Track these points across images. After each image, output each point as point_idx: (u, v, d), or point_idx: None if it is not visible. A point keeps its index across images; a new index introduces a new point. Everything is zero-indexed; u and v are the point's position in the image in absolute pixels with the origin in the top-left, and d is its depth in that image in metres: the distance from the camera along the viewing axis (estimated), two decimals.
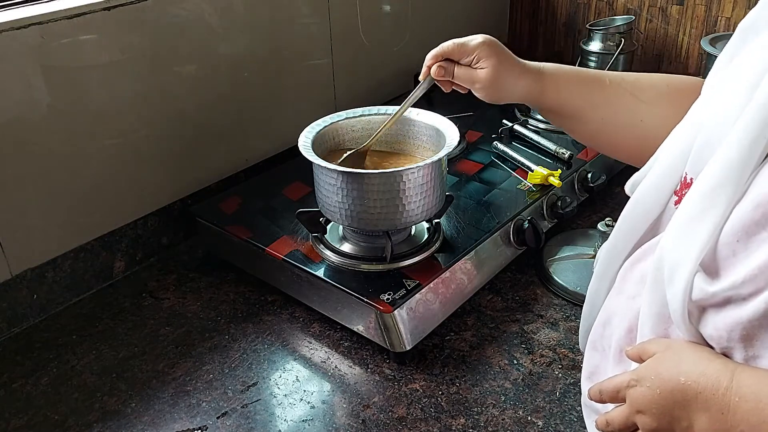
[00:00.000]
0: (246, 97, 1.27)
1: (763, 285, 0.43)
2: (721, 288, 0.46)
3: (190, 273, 1.14)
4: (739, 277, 0.45)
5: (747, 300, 0.45)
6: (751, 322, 0.45)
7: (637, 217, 0.60)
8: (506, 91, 0.78)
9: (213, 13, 1.16)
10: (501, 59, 0.76)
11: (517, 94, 0.78)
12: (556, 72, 0.77)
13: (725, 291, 0.46)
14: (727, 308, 0.46)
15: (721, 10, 1.56)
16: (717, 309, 0.47)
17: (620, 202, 0.62)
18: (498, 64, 0.76)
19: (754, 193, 0.46)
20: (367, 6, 1.44)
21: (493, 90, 0.78)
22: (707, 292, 0.47)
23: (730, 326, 0.46)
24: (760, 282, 0.44)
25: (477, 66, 0.77)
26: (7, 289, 0.99)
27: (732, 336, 0.46)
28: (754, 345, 0.45)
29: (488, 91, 0.78)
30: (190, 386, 0.91)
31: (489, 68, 0.76)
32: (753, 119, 0.46)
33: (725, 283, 0.46)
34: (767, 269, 0.43)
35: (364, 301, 0.91)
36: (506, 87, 0.77)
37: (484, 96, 0.79)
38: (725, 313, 0.47)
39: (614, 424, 0.55)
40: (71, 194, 1.04)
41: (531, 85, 0.77)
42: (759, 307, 0.44)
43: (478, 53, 0.76)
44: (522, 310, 1.02)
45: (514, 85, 0.77)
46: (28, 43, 0.93)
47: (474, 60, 0.77)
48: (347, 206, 0.92)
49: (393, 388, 0.89)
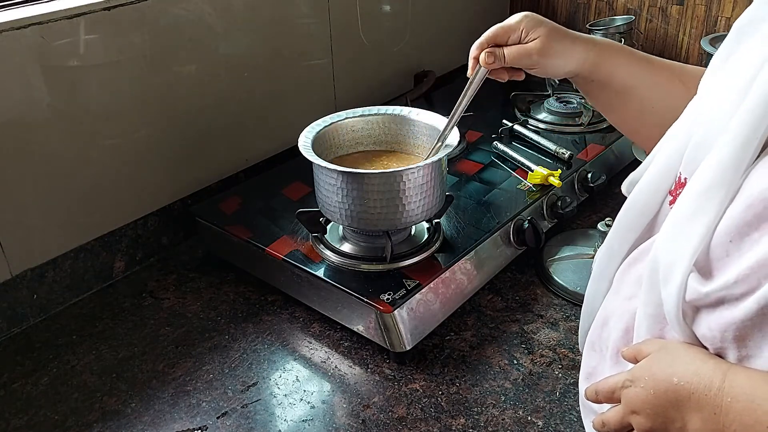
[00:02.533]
0: (246, 97, 1.27)
1: (755, 285, 0.43)
2: (714, 288, 0.46)
3: (190, 273, 1.14)
4: (731, 277, 0.45)
5: (740, 300, 0.45)
6: (744, 322, 0.45)
7: (633, 218, 0.60)
8: (563, 58, 0.74)
9: (213, 13, 1.16)
10: (549, 27, 0.74)
11: (573, 63, 0.74)
12: (609, 44, 0.75)
13: (718, 291, 0.46)
14: (720, 309, 0.46)
15: (721, 10, 1.56)
16: (710, 309, 0.47)
17: (620, 202, 0.61)
18: (548, 31, 0.73)
19: (746, 193, 0.46)
20: (367, 6, 1.44)
21: (551, 60, 0.74)
22: (700, 292, 0.47)
23: (724, 326, 0.46)
24: (753, 282, 0.44)
25: (528, 39, 0.74)
26: (7, 289, 0.99)
27: (725, 336, 0.46)
28: (747, 345, 0.45)
29: (545, 62, 0.74)
30: (190, 386, 0.91)
31: (541, 37, 0.73)
32: (745, 120, 0.46)
33: (718, 283, 0.46)
34: (759, 269, 0.43)
35: (364, 301, 0.91)
36: (563, 54, 0.74)
37: (541, 69, 0.75)
38: (719, 313, 0.47)
39: (610, 424, 0.55)
40: (71, 194, 1.04)
41: (586, 52, 0.74)
42: (751, 307, 0.44)
43: (525, 26, 0.74)
44: (522, 310, 1.02)
45: (570, 53, 0.74)
46: (28, 43, 0.93)
47: (522, 34, 0.74)
48: (347, 206, 0.92)
49: (393, 388, 0.89)
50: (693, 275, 0.48)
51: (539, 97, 1.46)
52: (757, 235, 0.44)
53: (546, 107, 1.42)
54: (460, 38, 0.84)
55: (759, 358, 0.45)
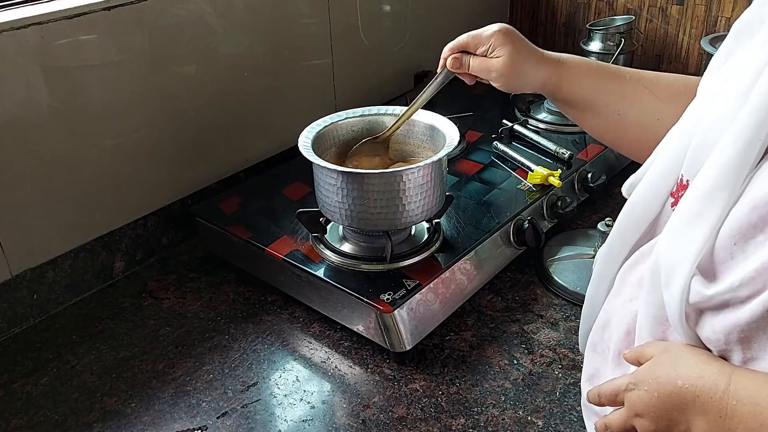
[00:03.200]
0: (246, 97, 1.27)
1: (760, 287, 0.43)
2: (718, 291, 0.46)
3: (190, 273, 1.14)
4: (736, 279, 0.45)
5: (745, 303, 0.45)
6: (749, 325, 0.45)
7: (634, 219, 0.60)
8: (524, 79, 0.77)
9: (213, 13, 1.16)
10: (517, 47, 0.75)
11: (534, 83, 0.77)
12: (576, 63, 0.77)
13: (722, 294, 0.46)
14: (724, 311, 0.46)
15: (721, 10, 1.56)
16: (715, 312, 0.47)
17: (620, 203, 0.62)
18: (514, 52, 0.75)
19: (750, 195, 0.45)
20: (367, 6, 1.44)
21: (511, 78, 0.76)
22: (704, 295, 0.47)
23: (728, 329, 0.46)
24: (758, 284, 0.43)
25: (492, 55, 0.76)
26: (7, 289, 0.99)
27: (730, 339, 0.46)
28: (752, 347, 0.45)
29: (505, 79, 0.77)
30: (190, 386, 0.91)
31: (504, 56, 0.75)
32: (748, 122, 0.46)
33: (722, 286, 0.46)
34: (764, 272, 0.43)
35: (364, 301, 0.91)
36: (524, 75, 0.76)
37: (501, 85, 0.78)
38: (723, 315, 0.46)
39: (613, 427, 0.55)
40: (71, 194, 1.04)
41: (549, 74, 0.76)
42: (756, 309, 0.44)
43: (493, 42, 0.76)
44: (522, 310, 1.02)
45: (532, 74, 0.76)
46: (28, 43, 0.93)
47: (489, 49, 0.76)
48: (347, 206, 0.92)
49: (393, 388, 0.89)
50: (696, 278, 0.48)
51: (539, 97, 1.46)
52: (762, 237, 0.44)
53: (546, 107, 1.42)
54: None
55: (764, 360, 0.45)
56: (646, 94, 0.73)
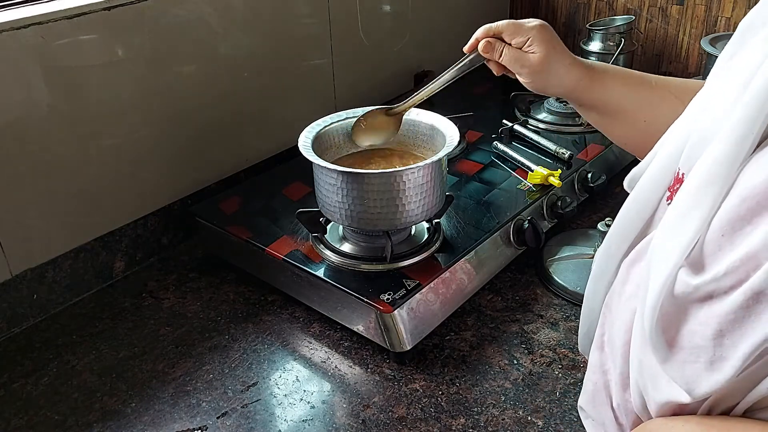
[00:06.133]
0: (246, 97, 1.27)
1: (743, 277, 0.43)
2: (704, 281, 0.46)
3: (190, 273, 1.14)
4: (721, 269, 0.44)
5: (728, 293, 0.44)
6: (728, 315, 0.44)
7: (632, 217, 0.60)
8: (553, 80, 0.75)
9: (213, 13, 1.16)
10: (554, 46, 0.74)
11: (565, 85, 0.76)
12: (604, 68, 0.76)
13: (707, 284, 0.45)
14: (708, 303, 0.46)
15: (721, 10, 1.56)
16: (699, 305, 0.47)
17: (620, 202, 0.61)
18: (551, 50, 0.74)
19: (740, 187, 0.45)
20: (367, 6, 1.44)
21: (541, 77, 0.75)
22: (690, 284, 0.46)
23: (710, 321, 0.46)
24: (741, 274, 0.43)
25: (528, 49, 0.75)
26: (7, 289, 0.99)
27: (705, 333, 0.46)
28: (723, 344, 0.45)
29: (535, 77, 0.75)
30: (190, 386, 0.91)
31: (541, 53, 0.74)
32: (742, 116, 0.46)
33: (708, 275, 0.45)
34: (748, 261, 0.43)
35: (364, 301, 0.91)
36: (554, 75, 0.75)
37: (530, 82, 0.76)
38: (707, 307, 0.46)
39: None
40: (71, 194, 1.04)
41: (579, 78, 0.75)
42: (737, 299, 0.43)
43: (533, 36, 0.74)
44: (522, 310, 1.02)
45: (563, 74, 0.75)
46: (28, 43, 0.93)
47: (527, 42, 0.74)
48: (347, 206, 0.92)
49: (393, 388, 0.89)
50: (683, 269, 0.48)
51: (539, 97, 1.46)
52: (749, 228, 0.44)
53: (546, 107, 1.42)
54: (460, 38, 0.84)
55: (730, 360, 0.45)
56: (673, 100, 0.72)
